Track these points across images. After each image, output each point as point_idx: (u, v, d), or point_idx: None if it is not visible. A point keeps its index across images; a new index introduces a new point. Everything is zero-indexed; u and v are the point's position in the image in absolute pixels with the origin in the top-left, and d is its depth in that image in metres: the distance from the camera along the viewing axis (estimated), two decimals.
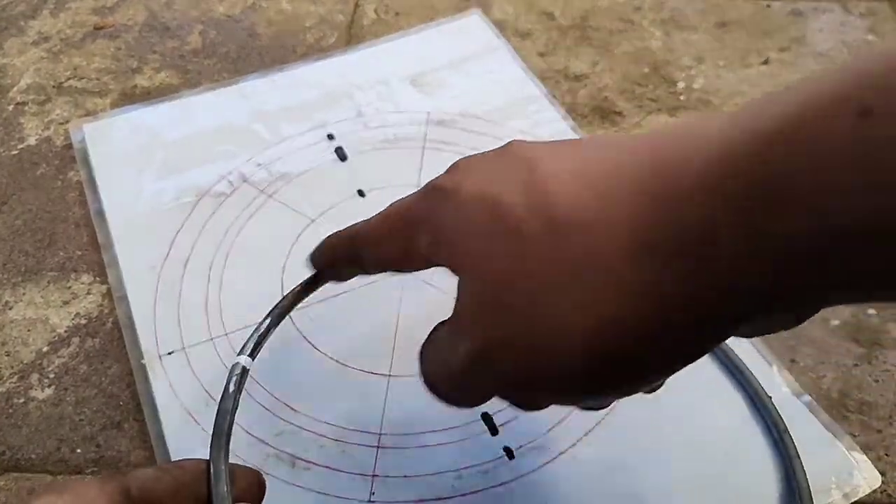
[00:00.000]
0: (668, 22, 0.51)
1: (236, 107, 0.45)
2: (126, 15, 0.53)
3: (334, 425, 0.32)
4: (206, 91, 0.46)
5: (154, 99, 0.46)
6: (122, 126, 0.44)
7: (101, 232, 0.39)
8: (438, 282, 0.36)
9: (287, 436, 0.31)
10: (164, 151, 0.43)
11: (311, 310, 0.36)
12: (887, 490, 0.30)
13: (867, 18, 0.50)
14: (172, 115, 0.45)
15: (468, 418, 0.32)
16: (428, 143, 0.43)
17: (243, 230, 0.39)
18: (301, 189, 0.41)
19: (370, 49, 0.49)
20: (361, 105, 0.45)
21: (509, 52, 0.48)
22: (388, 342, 0.34)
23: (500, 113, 0.43)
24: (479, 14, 0.51)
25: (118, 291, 0.37)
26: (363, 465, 0.30)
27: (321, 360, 0.34)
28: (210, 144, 0.43)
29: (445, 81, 0.46)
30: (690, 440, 0.31)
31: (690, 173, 0.17)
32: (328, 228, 0.38)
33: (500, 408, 0.32)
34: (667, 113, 0.45)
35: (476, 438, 0.31)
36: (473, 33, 0.50)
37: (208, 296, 0.37)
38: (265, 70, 0.48)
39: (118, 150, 0.43)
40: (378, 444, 0.31)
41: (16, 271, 0.38)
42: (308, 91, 0.46)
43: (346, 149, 0.43)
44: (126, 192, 0.41)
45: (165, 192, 0.41)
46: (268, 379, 0.33)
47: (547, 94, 0.45)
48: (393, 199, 0.39)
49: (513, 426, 0.31)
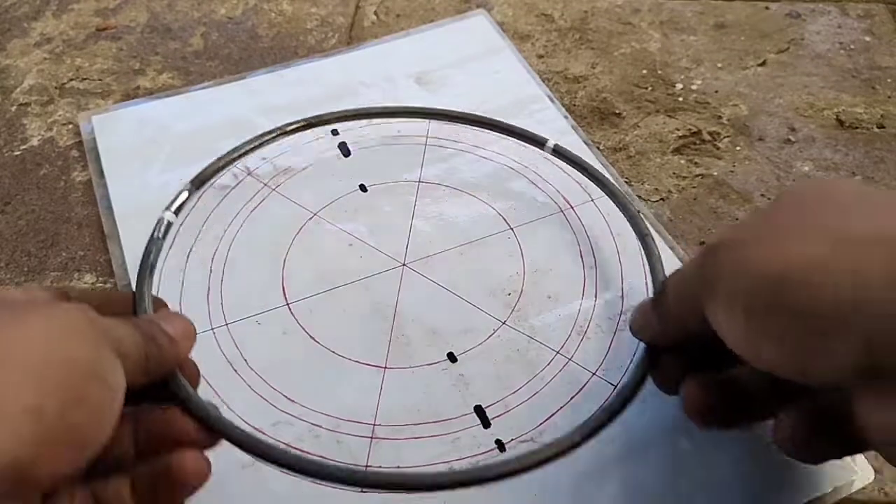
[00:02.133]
0: (667, 24, 0.51)
1: (243, 101, 0.46)
2: (128, 17, 0.53)
3: (330, 415, 0.32)
4: (214, 85, 0.47)
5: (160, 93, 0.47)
6: (129, 118, 0.45)
7: (108, 222, 0.40)
8: (437, 276, 0.37)
9: (283, 426, 0.32)
10: (170, 144, 0.43)
11: (309, 301, 0.36)
12: (884, 488, 0.30)
13: (864, 20, 0.51)
14: (179, 108, 0.46)
15: (461, 411, 0.32)
16: (430, 140, 0.43)
17: (246, 222, 0.40)
18: (304, 183, 0.41)
19: (376, 47, 0.50)
20: (366, 102, 0.45)
21: (513, 52, 0.49)
22: (385, 334, 0.35)
23: (502, 112, 0.44)
24: (484, 14, 0.51)
25: (122, 280, 0.37)
26: (357, 456, 0.31)
27: (318, 350, 0.34)
28: (216, 138, 0.43)
29: (449, 80, 0.47)
30: (698, 461, 0.31)
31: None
32: (329, 221, 0.39)
33: (493, 401, 0.32)
34: (665, 114, 0.45)
35: (468, 431, 0.32)
36: (478, 33, 0.50)
37: (209, 286, 0.37)
38: (272, 66, 0.48)
39: (126, 142, 0.44)
40: (372, 434, 0.31)
41: (19, 271, 0.38)
42: (314, 87, 0.47)
43: (349, 144, 0.43)
44: (132, 183, 0.41)
45: (171, 184, 0.41)
46: (265, 368, 0.34)
47: (549, 95, 0.45)
48: (394, 195, 0.40)
49: (504, 419, 0.32)
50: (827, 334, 0.21)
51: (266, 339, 0.35)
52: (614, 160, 0.42)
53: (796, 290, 0.22)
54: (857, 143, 0.43)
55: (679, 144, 0.44)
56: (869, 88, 0.46)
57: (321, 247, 0.38)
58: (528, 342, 0.34)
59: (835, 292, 0.21)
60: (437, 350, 0.34)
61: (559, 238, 0.39)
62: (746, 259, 0.23)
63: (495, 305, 0.36)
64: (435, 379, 0.33)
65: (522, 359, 0.34)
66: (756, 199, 0.40)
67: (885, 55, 0.48)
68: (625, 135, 0.44)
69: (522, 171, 0.41)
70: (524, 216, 0.39)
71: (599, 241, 0.38)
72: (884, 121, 0.44)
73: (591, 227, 0.39)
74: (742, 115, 0.45)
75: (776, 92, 0.46)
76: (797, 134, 0.44)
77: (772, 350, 0.22)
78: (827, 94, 0.46)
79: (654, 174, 0.42)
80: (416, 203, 0.40)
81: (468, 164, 0.42)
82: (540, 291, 0.36)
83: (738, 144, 0.43)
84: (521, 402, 0.32)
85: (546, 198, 0.40)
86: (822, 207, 0.24)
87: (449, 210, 0.40)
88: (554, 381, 0.33)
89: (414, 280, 0.37)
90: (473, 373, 0.33)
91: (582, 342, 0.34)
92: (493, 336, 0.35)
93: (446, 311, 0.36)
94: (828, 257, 0.21)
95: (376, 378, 0.33)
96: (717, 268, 0.24)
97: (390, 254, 0.38)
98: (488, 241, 0.38)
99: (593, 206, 0.40)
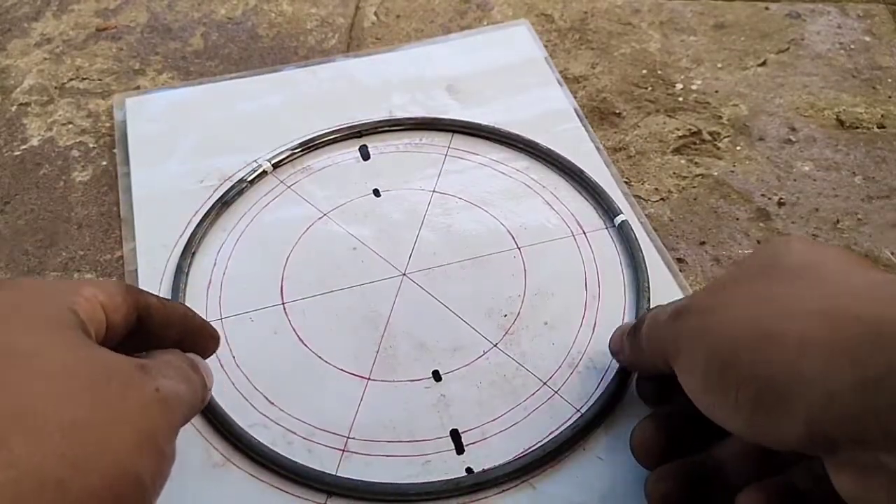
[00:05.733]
0: (667, 24, 0.51)
1: (273, 95, 0.46)
2: (128, 17, 0.53)
3: (305, 422, 0.32)
4: (248, 76, 0.47)
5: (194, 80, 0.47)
6: (161, 103, 0.45)
7: (125, 205, 0.40)
8: (436, 289, 0.37)
9: (258, 428, 0.32)
10: (195, 133, 0.44)
11: (305, 302, 0.36)
12: None
13: (864, 20, 0.51)
14: (211, 97, 0.46)
15: (437, 433, 0.31)
16: (451, 151, 0.43)
17: (256, 218, 0.40)
18: (320, 183, 0.41)
19: (413, 50, 0.49)
20: (395, 106, 0.45)
21: (549, 66, 0.48)
22: (374, 344, 0.34)
23: (528, 127, 0.43)
24: (526, 25, 0.50)
25: (130, 265, 0.37)
26: (326, 467, 0.30)
27: (305, 353, 0.34)
28: (241, 131, 0.44)
29: (480, 91, 0.46)
30: None
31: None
32: (337, 223, 0.39)
33: (470, 427, 0.32)
34: (665, 114, 0.45)
35: (441, 455, 0.31)
36: (517, 44, 0.49)
37: (211, 279, 0.37)
38: (308, 60, 0.49)
39: (154, 128, 0.44)
40: (344, 447, 0.31)
41: (18, 271, 0.38)
42: (345, 87, 0.47)
43: (369, 147, 0.43)
44: (154, 170, 0.42)
45: (191, 174, 0.41)
46: (251, 367, 0.34)
47: (580, 114, 0.45)
48: (406, 202, 0.41)
49: (479, 448, 0.31)
50: (774, 404, 0.21)
51: (256, 337, 0.35)
52: (614, 160, 0.42)
53: (747, 360, 0.22)
54: (857, 143, 0.43)
55: (679, 144, 0.44)
56: (869, 88, 0.46)
57: (325, 248, 0.38)
58: (516, 369, 0.34)
59: (780, 364, 0.21)
60: (422, 366, 0.34)
61: (566, 263, 0.37)
62: (706, 327, 0.24)
63: (489, 326, 0.35)
64: (416, 396, 0.33)
65: (508, 385, 0.33)
66: (756, 198, 0.40)
67: (885, 55, 0.48)
68: (625, 135, 0.44)
69: (539, 190, 0.41)
70: (534, 237, 0.39)
71: (607, 272, 0.37)
72: (884, 121, 0.44)
73: (601, 255, 0.38)
74: (742, 115, 0.45)
75: (776, 92, 0.46)
76: (797, 134, 0.44)
77: (727, 415, 0.23)
78: (827, 94, 0.46)
79: (654, 174, 0.42)
80: (427, 213, 0.40)
81: (486, 178, 0.41)
82: (537, 316, 0.35)
83: (738, 144, 0.43)
84: (499, 430, 0.32)
85: (559, 220, 0.39)
86: (777, 275, 0.24)
87: (458, 223, 0.39)
88: (536, 413, 0.32)
89: (411, 291, 0.36)
90: (456, 394, 0.33)
91: (571, 375, 0.33)
92: (481, 357, 0.34)
93: (438, 327, 0.35)
94: (775, 329, 0.22)
95: (358, 389, 0.33)
96: (683, 331, 0.25)
97: (392, 262, 0.38)
98: (493, 259, 0.38)
99: (606, 234, 0.39)
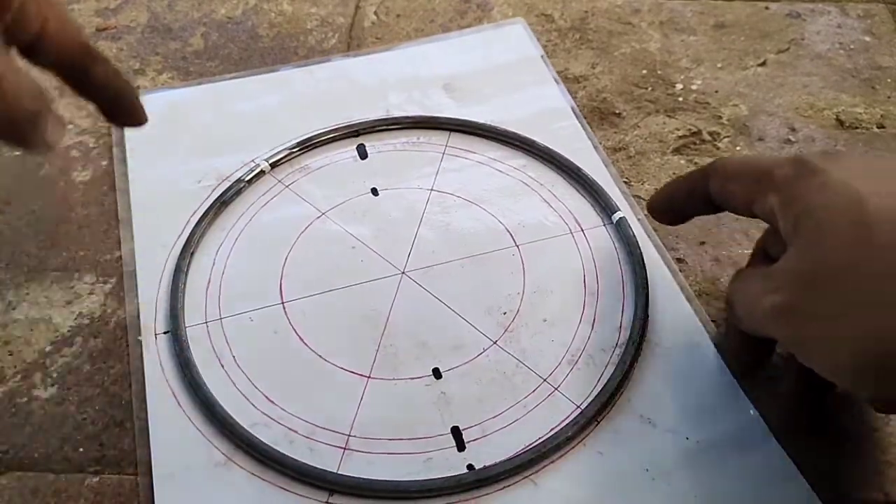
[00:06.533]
0: (667, 24, 0.51)
1: (271, 95, 0.46)
2: (129, 17, 0.53)
3: (306, 421, 0.32)
4: (246, 76, 0.47)
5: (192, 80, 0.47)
6: (160, 103, 0.45)
7: (123, 206, 0.40)
8: (435, 287, 0.37)
9: (260, 427, 0.32)
10: (193, 133, 0.44)
11: (304, 301, 0.36)
12: (884, 489, 0.30)
13: (864, 20, 0.51)
14: (209, 97, 0.46)
15: (438, 430, 0.32)
16: (448, 150, 0.43)
17: (255, 218, 0.40)
18: (318, 182, 0.41)
19: (410, 49, 0.49)
20: (392, 105, 0.45)
21: (546, 64, 0.48)
22: (374, 342, 0.34)
23: (525, 125, 0.43)
24: (522, 23, 0.50)
25: (129, 266, 0.37)
26: (328, 465, 0.30)
27: (305, 353, 0.34)
28: (239, 131, 0.44)
29: (476, 90, 0.46)
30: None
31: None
32: (336, 222, 0.39)
33: (471, 423, 0.32)
34: (665, 114, 0.45)
35: (442, 452, 0.31)
36: (514, 42, 0.49)
37: (210, 279, 0.37)
38: (304, 61, 0.49)
39: (153, 128, 0.43)
40: (345, 445, 0.31)
41: (19, 271, 0.38)
42: (343, 86, 0.47)
43: (367, 146, 0.43)
44: (152, 170, 0.42)
45: (189, 175, 0.41)
46: (251, 367, 0.34)
47: (577, 112, 0.45)
48: (404, 200, 0.40)
49: (480, 444, 0.31)
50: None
51: (256, 337, 0.35)
52: (614, 160, 0.42)
53: (880, 220, 0.23)
54: (857, 144, 0.43)
55: (679, 144, 0.44)
56: (869, 88, 0.46)
57: (324, 247, 0.38)
58: (516, 366, 0.34)
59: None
60: (423, 364, 0.34)
61: (564, 260, 0.38)
62: (833, 180, 0.24)
63: (489, 323, 0.35)
64: (417, 394, 0.33)
65: (508, 382, 0.33)
66: None
67: (885, 55, 0.48)
68: (625, 135, 0.44)
69: (537, 188, 0.41)
70: (532, 234, 0.39)
71: (605, 269, 0.37)
72: (884, 121, 0.44)
73: (600, 252, 0.38)
74: (742, 115, 0.45)
75: (776, 92, 0.46)
76: (797, 134, 0.44)
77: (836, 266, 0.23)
78: (827, 94, 0.46)
79: (654, 174, 0.42)
80: (425, 211, 0.40)
81: (483, 176, 0.42)
82: (536, 314, 0.35)
83: (738, 144, 0.43)
84: (500, 427, 0.32)
85: (557, 218, 0.39)
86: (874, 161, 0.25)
87: (457, 221, 0.39)
88: (536, 410, 0.32)
89: (411, 289, 0.36)
90: (456, 392, 0.33)
91: (571, 372, 0.33)
92: (481, 355, 0.34)
93: (438, 325, 0.35)
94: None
95: (358, 387, 0.33)
96: (801, 181, 0.25)
97: (391, 260, 0.38)
98: (492, 257, 0.38)
99: (604, 231, 0.39)
